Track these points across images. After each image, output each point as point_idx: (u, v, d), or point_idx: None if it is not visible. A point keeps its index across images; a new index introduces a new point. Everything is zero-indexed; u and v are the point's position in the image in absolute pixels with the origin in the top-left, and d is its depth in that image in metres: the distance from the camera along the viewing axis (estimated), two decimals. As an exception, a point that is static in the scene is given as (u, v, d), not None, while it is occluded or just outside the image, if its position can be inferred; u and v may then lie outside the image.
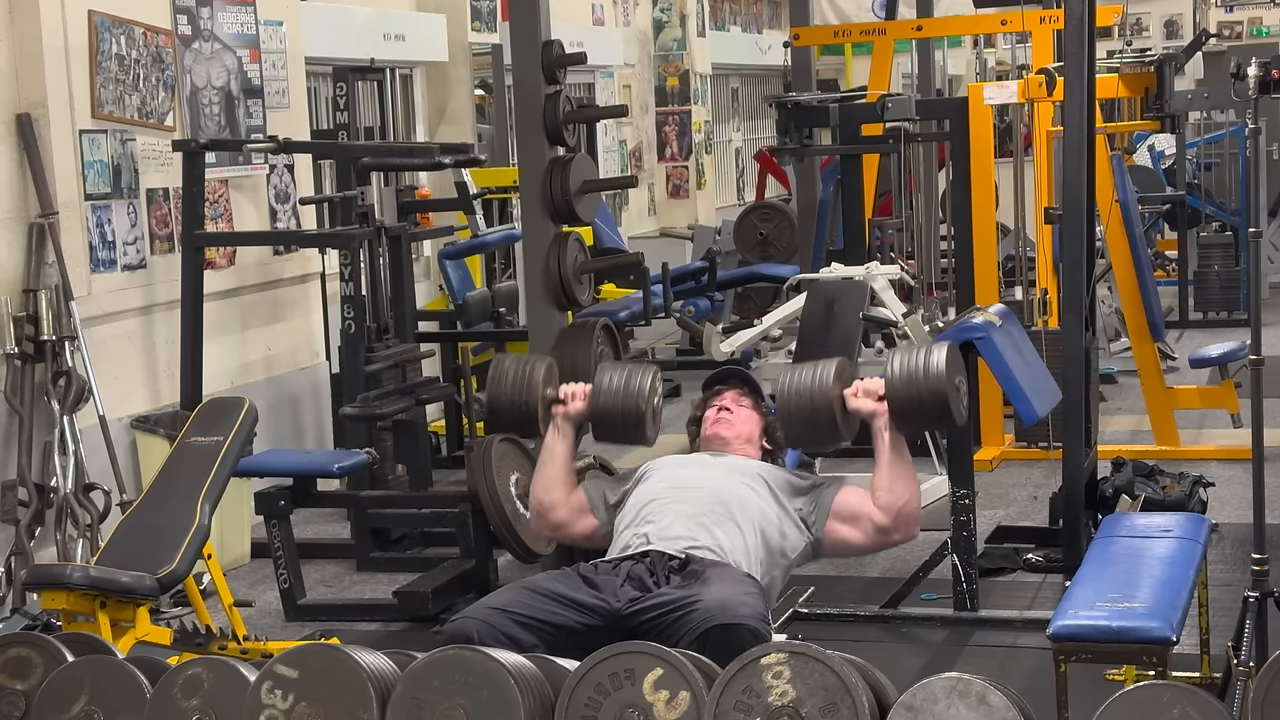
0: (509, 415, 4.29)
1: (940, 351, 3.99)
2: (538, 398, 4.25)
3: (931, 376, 3.96)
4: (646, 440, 4.29)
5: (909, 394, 3.99)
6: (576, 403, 4.27)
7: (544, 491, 4.29)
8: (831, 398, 4.06)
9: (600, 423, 4.28)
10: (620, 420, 4.23)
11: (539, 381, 4.26)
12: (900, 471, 4.06)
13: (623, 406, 4.21)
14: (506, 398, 4.26)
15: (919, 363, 3.98)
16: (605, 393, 4.23)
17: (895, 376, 4.00)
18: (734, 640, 3.50)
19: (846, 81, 14.19)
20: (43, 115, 6.07)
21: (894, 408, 4.02)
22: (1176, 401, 7.56)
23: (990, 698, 2.52)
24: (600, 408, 4.24)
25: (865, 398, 4.07)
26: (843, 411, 4.08)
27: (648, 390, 4.21)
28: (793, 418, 4.12)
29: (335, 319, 6.87)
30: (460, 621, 3.70)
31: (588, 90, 12.00)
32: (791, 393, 4.10)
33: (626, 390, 4.21)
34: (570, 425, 4.29)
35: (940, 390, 3.95)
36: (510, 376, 4.27)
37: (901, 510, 4.06)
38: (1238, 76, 4.34)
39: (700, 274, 10.31)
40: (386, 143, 7.84)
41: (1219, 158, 12.62)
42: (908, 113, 7.67)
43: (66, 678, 2.94)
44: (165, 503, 4.83)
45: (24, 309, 5.98)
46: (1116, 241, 7.41)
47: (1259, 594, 4.08)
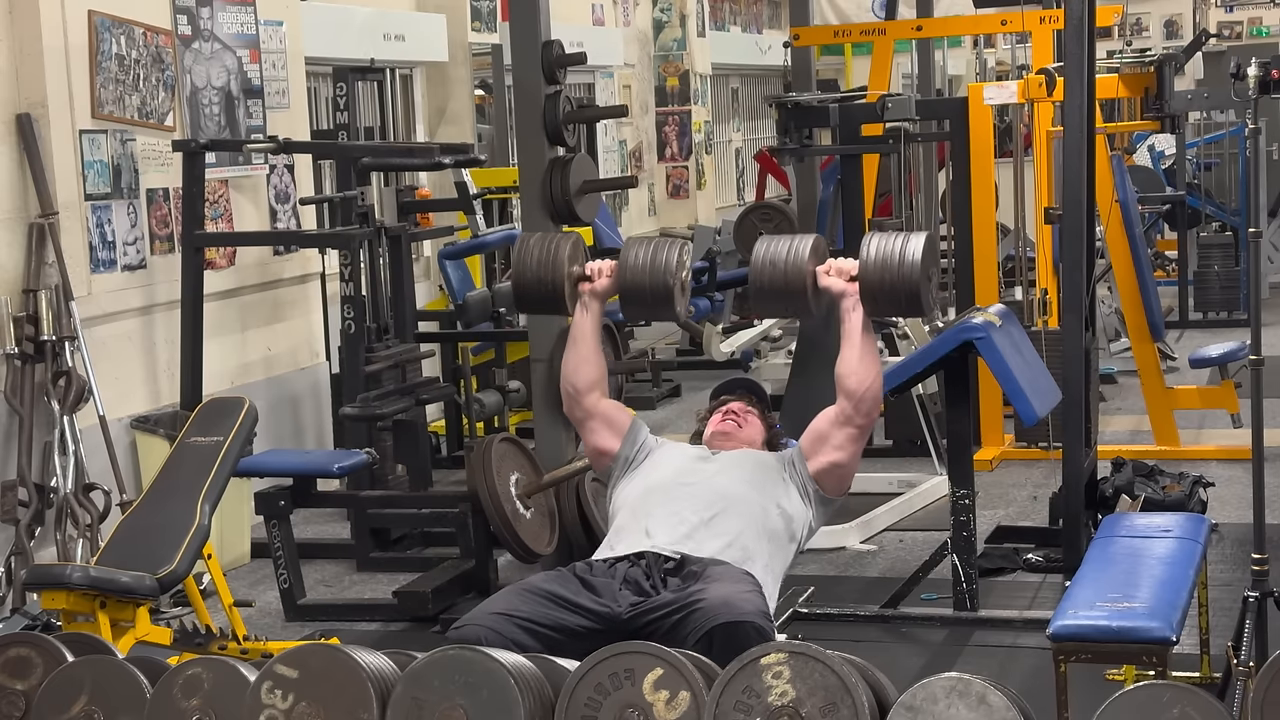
0: (535, 294, 4.19)
1: (918, 240, 3.97)
2: (564, 275, 4.14)
3: (907, 264, 3.93)
4: (676, 315, 4.20)
5: (882, 278, 3.95)
6: (603, 279, 4.19)
7: (574, 373, 4.22)
8: (805, 271, 4.03)
9: (628, 298, 4.17)
10: (649, 295, 4.12)
11: (564, 259, 4.15)
12: (867, 351, 4.07)
13: (650, 281, 4.10)
14: (532, 276, 4.15)
15: (895, 248, 3.95)
16: (632, 268, 4.12)
17: (870, 259, 3.97)
18: (739, 638, 3.50)
19: (846, 81, 14.19)
20: (43, 115, 6.07)
21: (865, 289, 3.99)
22: (1176, 401, 7.56)
23: (990, 698, 2.52)
24: (628, 283, 4.13)
25: (837, 276, 4.06)
26: (814, 286, 4.05)
27: (675, 264, 4.11)
28: (764, 288, 4.06)
29: (335, 319, 6.87)
30: (466, 629, 3.70)
31: (588, 90, 12.00)
32: (765, 263, 4.04)
33: (654, 265, 4.11)
34: (598, 302, 4.20)
35: (913, 279, 3.92)
36: (535, 255, 4.16)
37: (866, 392, 4.07)
38: (1238, 76, 4.35)
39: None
40: (386, 143, 7.84)
41: (1219, 158, 12.62)
42: (908, 113, 7.68)
43: (66, 678, 2.94)
44: (165, 503, 4.83)
45: (24, 309, 5.98)
46: (1116, 241, 7.41)
47: (1259, 594, 4.08)
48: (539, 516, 5.54)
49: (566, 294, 4.18)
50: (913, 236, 3.99)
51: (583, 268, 4.21)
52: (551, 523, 5.60)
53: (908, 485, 6.85)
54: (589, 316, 4.21)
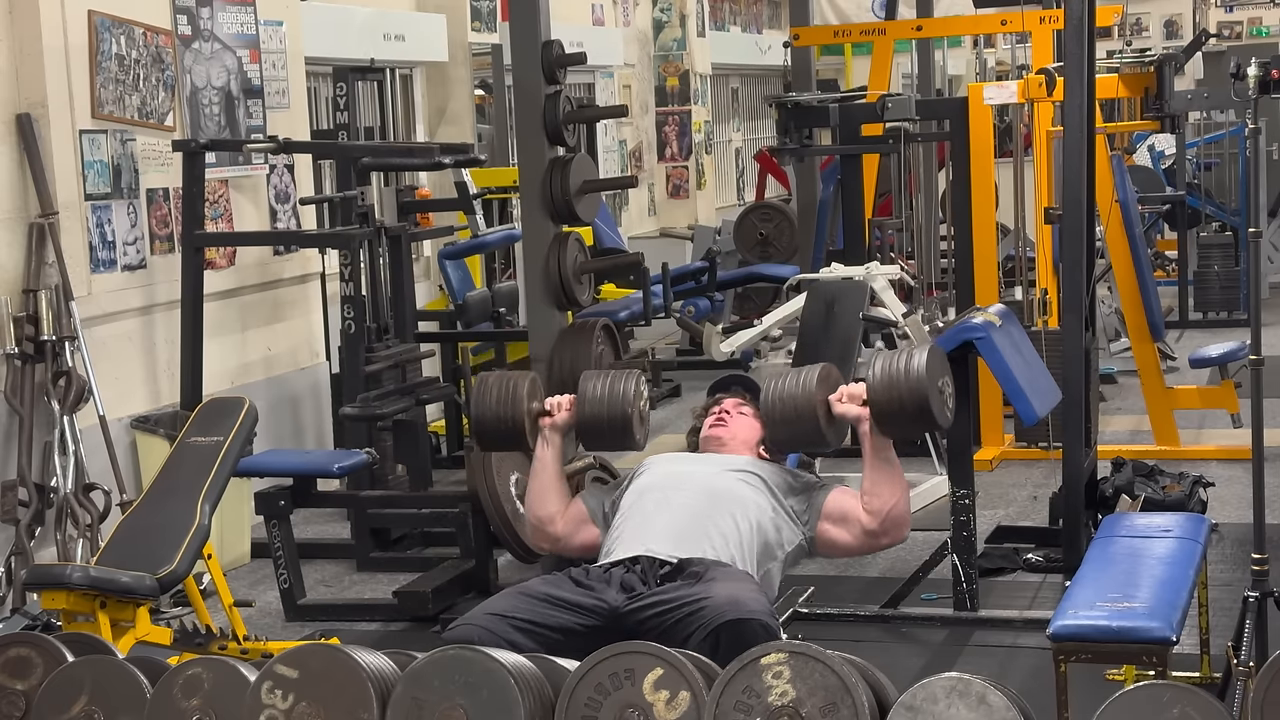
0: (495, 432, 4.28)
1: (921, 355, 3.99)
2: (523, 412, 4.24)
3: (912, 379, 3.96)
4: (635, 445, 4.29)
5: (890, 397, 3.99)
6: (562, 413, 4.27)
7: (539, 506, 4.29)
8: (815, 403, 4.06)
9: (588, 431, 4.28)
10: (607, 427, 4.22)
11: (523, 396, 4.25)
12: (886, 476, 4.07)
13: (609, 413, 4.20)
14: (491, 414, 4.25)
15: (900, 366, 3.99)
16: (590, 401, 4.22)
17: (876, 380, 4.01)
18: (747, 635, 3.51)
19: (846, 81, 14.19)
20: (43, 115, 6.07)
21: (876, 412, 4.02)
22: (1176, 401, 7.56)
23: (990, 698, 2.52)
24: (587, 416, 4.23)
25: (849, 403, 4.08)
26: (828, 417, 4.09)
27: (633, 395, 4.20)
28: (779, 424, 4.13)
29: (335, 319, 6.87)
30: (461, 629, 3.71)
31: (588, 90, 12.00)
32: (776, 399, 4.11)
33: (611, 397, 4.20)
34: (558, 435, 4.28)
35: (921, 393, 3.95)
36: (494, 394, 4.25)
37: (889, 514, 4.07)
38: (1238, 76, 4.34)
39: (700, 274, 10.32)
40: (386, 143, 7.84)
41: (1219, 158, 12.62)
42: (908, 113, 7.67)
43: (66, 678, 2.94)
44: (165, 503, 4.83)
45: (24, 309, 5.98)
46: (1116, 241, 7.41)
47: (1259, 594, 4.08)
48: (539, 516, 5.53)
49: (527, 430, 4.25)
50: (916, 351, 4.03)
51: (542, 404, 4.29)
52: (551, 523, 5.59)
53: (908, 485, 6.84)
54: (550, 451, 4.28)
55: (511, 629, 3.68)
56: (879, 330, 6.90)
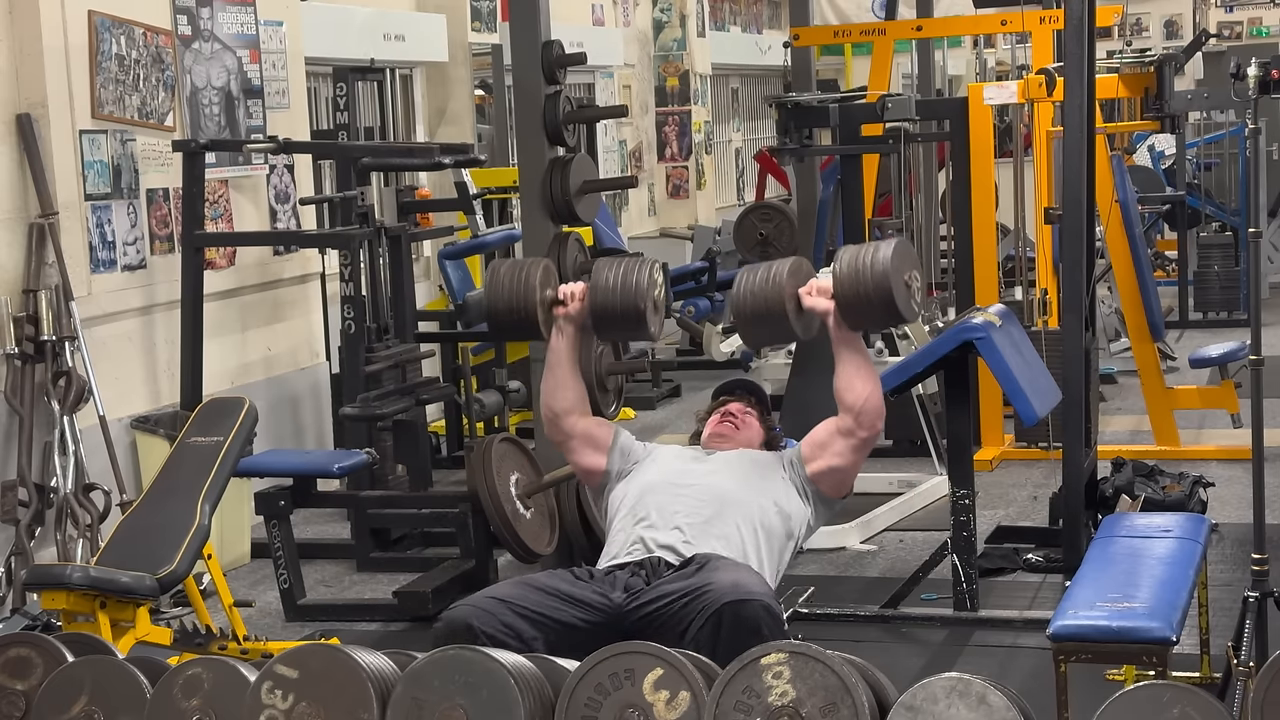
0: (508, 320, 4.19)
1: (887, 247, 3.96)
2: (535, 301, 4.15)
3: (877, 271, 3.92)
4: (650, 335, 4.21)
5: (857, 290, 3.95)
6: (576, 302, 4.19)
7: (552, 398, 4.22)
8: (785, 296, 4.02)
9: (600, 320, 4.17)
10: (621, 316, 4.13)
11: (536, 284, 4.16)
12: (858, 366, 4.07)
13: (622, 303, 4.10)
14: (504, 303, 4.16)
15: (865, 259, 3.95)
16: (603, 290, 4.12)
17: (843, 272, 3.96)
18: (749, 616, 3.50)
19: (846, 81, 14.19)
20: (43, 115, 6.07)
21: (843, 304, 3.98)
22: (1176, 401, 7.56)
23: (990, 698, 2.52)
24: (600, 305, 4.13)
25: (819, 295, 4.05)
26: (797, 310, 4.04)
27: (646, 284, 4.11)
28: (749, 319, 4.07)
29: (335, 319, 6.87)
30: (460, 609, 3.70)
31: (588, 90, 12.00)
32: (747, 294, 4.04)
33: (625, 286, 4.10)
34: (572, 326, 4.20)
35: (885, 285, 3.92)
36: (507, 282, 4.16)
37: (865, 407, 4.07)
38: (1238, 76, 4.34)
39: (700, 274, 10.32)
40: (386, 143, 7.84)
41: (1219, 158, 12.62)
42: (908, 113, 7.67)
43: (66, 678, 2.94)
44: (165, 503, 4.83)
45: (24, 309, 5.98)
46: (1116, 241, 7.41)
47: (1259, 594, 4.08)
48: (539, 516, 5.54)
49: (540, 319, 4.18)
50: (882, 244, 3.99)
51: (555, 292, 4.22)
52: (551, 523, 5.60)
53: (908, 485, 6.85)
54: (564, 340, 4.22)
55: (512, 614, 3.67)
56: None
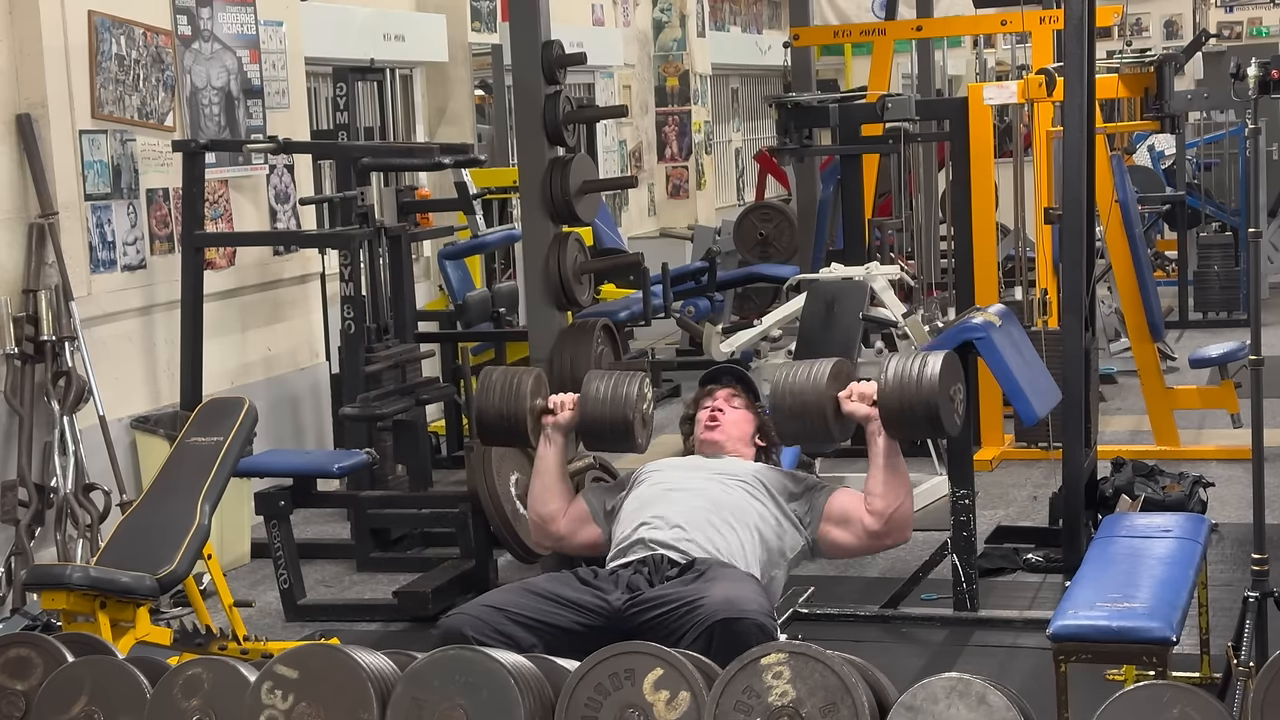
0: (498, 428, 4.29)
1: (936, 361, 3.97)
2: (526, 409, 4.24)
3: (925, 386, 3.94)
4: (637, 447, 4.29)
5: (901, 401, 3.97)
6: (565, 412, 4.27)
7: (541, 504, 4.29)
8: (825, 399, 4.05)
9: (589, 432, 4.28)
10: (609, 429, 4.23)
11: (527, 393, 4.25)
12: (892, 477, 4.06)
13: (611, 414, 4.20)
14: (495, 410, 4.26)
15: (913, 371, 3.97)
16: (593, 401, 4.22)
17: (888, 383, 3.99)
18: (741, 634, 3.51)
19: (846, 81, 14.20)
20: (43, 115, 6.07)
21: (886, 414, 4.01)
22: (1176, 401, 7.56)
23: (990, 698, 2.52)
24: (589, 416, 4.23)
25: (859, 401, 4.06)
26: (836, 413, 4.07)
27: (635, 397, 4.20)
28: (786, 417, 4.12)
29: (335, 319, 6.87)
30: (455, 618, 3.71)
31: (588, 90, 12.00)
32: (786, 392, 4.09)
33: (614, 398, 4.20)
34: (561, 435, 4.28)
35: (933, 401, 3.94)
36: (498, 389, 4.26)
37: (894, 516, 4.06)
38: (1238, 77, 4.34)
39: (700, 274, 10.32)
40: (386, 143, 7.85)
41: (1219, 158, 12.61)
42: (908, 113, 7.68)
43: (66, 678, 2.94)
44: (165, 503, 4.83)
45: (24, 309, 5.98)
46: (1116, 241, 7.41)
47: (1259, 594, 4.08)
48: (539, 516, 5.53)
49: (530, 428, 4.26)
50: (930, 356, 4.00)
51: (545, 401, 4.30)
52: (551, 523, 5.59)
53: (908, 485, 6.84)
54: (552, 449, 4.28)
55: (508, 622, 3.67)
56: (879, 330, 6.90)
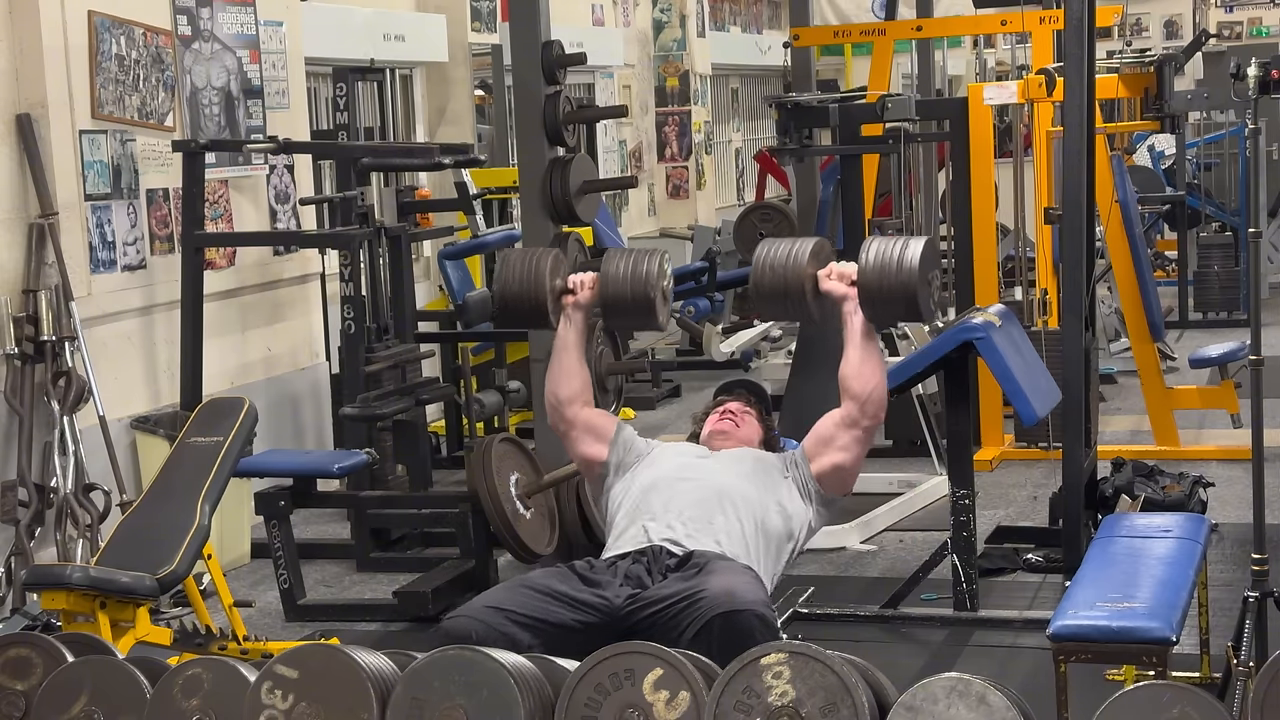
0: (518, 308, 4.25)
1: (917, 245, 3.97)
2: (546, 289, 4.21)
3: (904, 269, 3.94)
4: (658, 324, 4.27)
5: (880, 283, 3.97)
6: (585, 291, 4.25)
7: (559, 385, 4.25)
8: (805, 276, 4.04)
9: (611, 309, 4.24)
10: (631, 305, 4.19)
11: (546, 272, 4.22)
12: (869, 354, 4.08)
13: (633, 292, 4.17)
14: (515, 291, 4.22)
15: (894, 254, 3.97)
16: (614, 279, 4.19)
17: (869, 264, 3.99)
18: (740, 626, 3.50)
19: (846, 81, 14.19)
20: (43, 115, 6.07)
21: (864, 295, 4.01)
22: (1176, 401, 7.56)
23: (990, 698, 2.52)
24: (610, 294, 4.20)
25: (838, 280, 4.06)
26: (815, 291, 4.07)
27: (656, 274, 4.18)
28: (765, 294, 4.10)
29: (335, 319, 6.87)
30: (458, 620, 3.70)
31: (588, 90, 12.00)
32: (766, 268, 4.07)
33: (635, 275, 4.17)
34: (581, 314, 4.26)
35: (911, 284, 3.94)
36: (517, 270, 4.23)
37: (871, 394, 4.08)
38: (1238, 77, 4.34)
39: (700, 274, 10.32)
40: (386, 143, 7.84)
41: (1219, 158, 12.62)
42: (908, 113, 7.67)
43: (66, 678, 2.95)
44: (165, 503, 4.83)
45: (24, 309, 5.98)
46: (1116, 241, 7.41)
47: (1259, 594, 4.08)
48: (539, 516, 5.54)
49: (550, 307, 4.24)
50: (912, 241, 4.00)
51: (565, 281, 4.27)
52: (551, 523, 5.60)
53: (908, 485, 6.85)
54: (572, 329, 4.26)
55: (510, 623, 3.67)
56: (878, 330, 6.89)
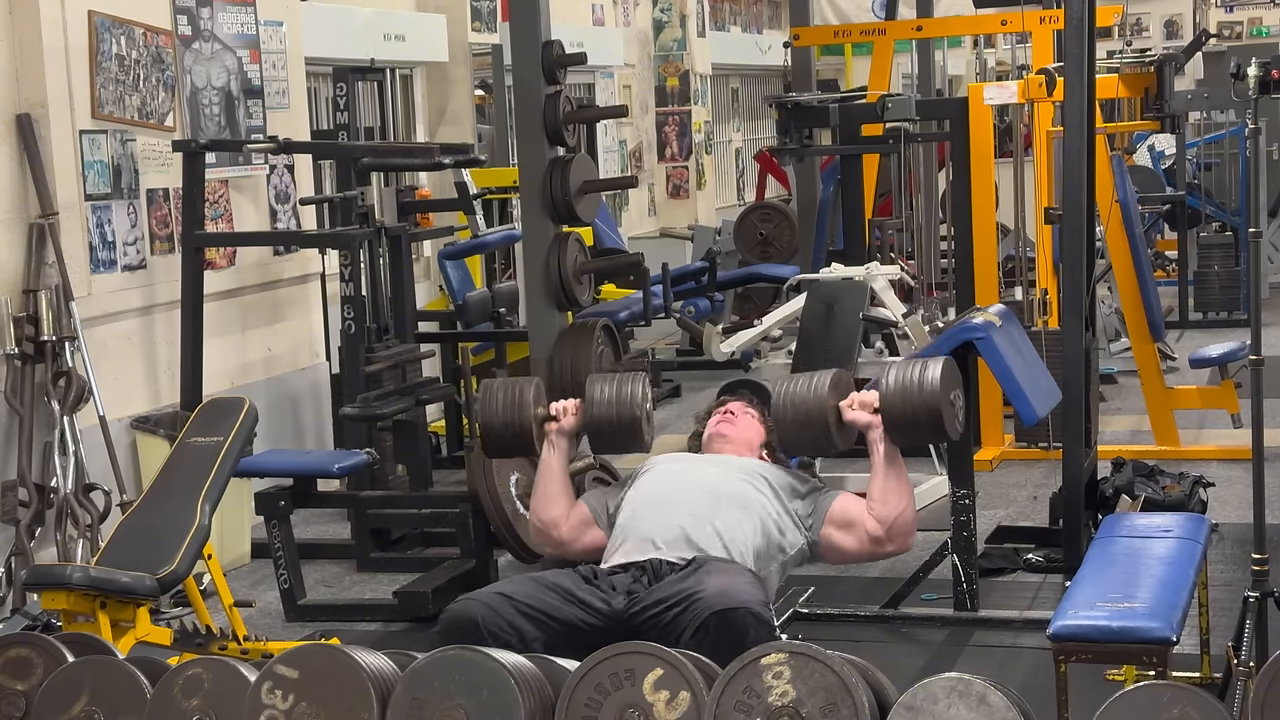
0: (503, 438, 4.34)
1: (936, 367, 4.01)
2: (530, 418, 4.29)
3: (926, 393, 3.98)
4: (643, 446, 4.34)
5: (904, 408, 4.02)
6: (569, 417, 4.32)
7: (544, 509, 4.31)
8: (826, 408, 4.09)
9: (596, 434, 4.33)
10: (616, 429, 4.28)
11: (529, 401, 4.31)
12: (895, 484, 4.08)
13: (618, 415, 4.25)
14: (499, 421, 4.31)
15: (914, 378, 4.01)
16: (598, 404, 4.28)
17: (890, 390, 4.03)
18: (736, 624, 3.51)
19: (846, 81, 14.19)
20: (43, 115, 6.07)
21: (888, 421, 4.06)
22: (1176, 401, 7.56)
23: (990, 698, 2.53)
24: (595, 419, 4.28)
25: (860, 410, 4.10)
26: (838, 422, 4.11)
27: (640, 397, 4.26)
28: (789, 429, 4.16)
29: (335, 319, 6.87)
30: (466, 603, 3.71)
31: (588, 90, 12.00)
32: (787, 403, 4.13)
33: (619, 399, 4.26)
34: (565, 440, 4.33)
35: (934, 406, 3.97)
36: (500, 400, 4.31)
37: (895, 522, 4.09)
38: (1238, 76, 4.34)
39: (700, 274, 10.32)
40: (386, 143, 7.84)
41: (1219, 158, 12.61)
42: (908, 113, 7.68)
43: (66, 678, 2.95)
44: (165, 503, 4.83)
45: (24, 309, 5.98)
46: (1116, 241, 7.41)
47: (1259, 594, 4.08)
48: (539, 517, 5.54)
49: (534, 436, 4.31)
50: (930, 363, 4.05)
51: (547, 409, 4.35)
52: (551, 523, 5.59)
53: (908, 485, 6.84)
54: (556, 455, 4.33)
55: (517, 613, 3.68)
56: (879, 330, 6.91)
